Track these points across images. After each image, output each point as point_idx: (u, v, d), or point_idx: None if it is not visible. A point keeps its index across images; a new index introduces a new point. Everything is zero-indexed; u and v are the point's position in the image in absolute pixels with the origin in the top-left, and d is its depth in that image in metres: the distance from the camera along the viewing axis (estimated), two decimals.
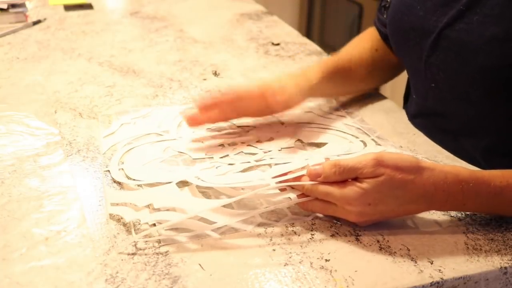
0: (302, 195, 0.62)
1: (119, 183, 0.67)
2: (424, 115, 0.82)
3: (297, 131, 0.80)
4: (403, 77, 0.94)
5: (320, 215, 0.62)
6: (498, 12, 0.67)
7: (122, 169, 0.69)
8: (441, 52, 0.73)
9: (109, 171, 0.69)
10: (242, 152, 0.74)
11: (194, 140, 0.77)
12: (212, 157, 0.72)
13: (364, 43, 0.92)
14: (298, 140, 0.78)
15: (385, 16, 0.88)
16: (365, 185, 0.57)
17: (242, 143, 0.76)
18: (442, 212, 0.64)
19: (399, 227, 0.61)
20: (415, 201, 0.59)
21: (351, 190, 0.58)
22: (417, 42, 0.77)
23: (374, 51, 0.90)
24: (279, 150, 0.74)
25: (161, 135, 0.78)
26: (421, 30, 0.76)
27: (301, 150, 0.75)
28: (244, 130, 0.80)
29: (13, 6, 1.25)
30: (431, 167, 0.59)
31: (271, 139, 0.78)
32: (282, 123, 0.82)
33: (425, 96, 0.80)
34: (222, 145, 0.75)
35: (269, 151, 0.74)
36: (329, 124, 0.82)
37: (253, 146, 0.75)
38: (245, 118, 0.81)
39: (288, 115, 0.84)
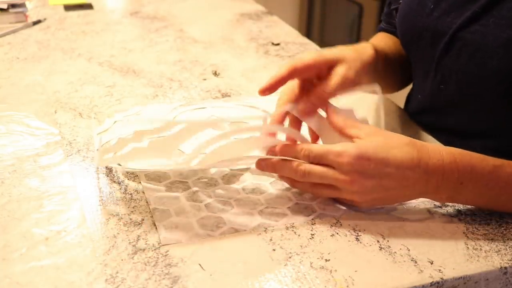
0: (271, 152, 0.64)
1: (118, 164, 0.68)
2: (428, 113, 0.82)
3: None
4: None
5: (320, 215, 0.62)
6: None
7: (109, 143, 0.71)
8: (455, 54, 0.72)
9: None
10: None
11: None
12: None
13: (387, 38, 0.88)
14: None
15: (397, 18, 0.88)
16: (360, 141, 0.61)
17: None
18: (442, 212, 0.64)
19: (399, 227, 0.61)
20: (412, 168, 0.60)
21: (347, 145, 0.60)
22: (430, 43, 0.76)
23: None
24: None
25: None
26: (434, 31, 0.75)
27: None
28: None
29: (13, 6, 1.25)
30: (424, 143, 0.62)
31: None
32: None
33: (432, 97, 0.79)
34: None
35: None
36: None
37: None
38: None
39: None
